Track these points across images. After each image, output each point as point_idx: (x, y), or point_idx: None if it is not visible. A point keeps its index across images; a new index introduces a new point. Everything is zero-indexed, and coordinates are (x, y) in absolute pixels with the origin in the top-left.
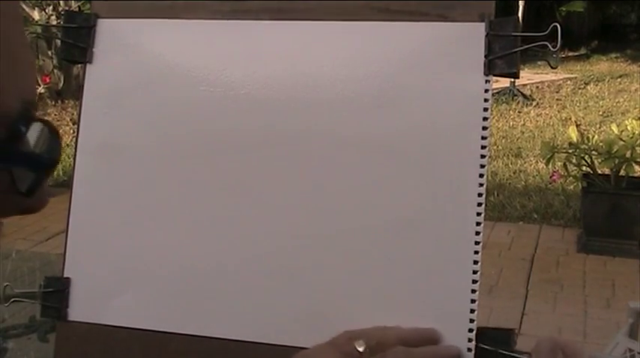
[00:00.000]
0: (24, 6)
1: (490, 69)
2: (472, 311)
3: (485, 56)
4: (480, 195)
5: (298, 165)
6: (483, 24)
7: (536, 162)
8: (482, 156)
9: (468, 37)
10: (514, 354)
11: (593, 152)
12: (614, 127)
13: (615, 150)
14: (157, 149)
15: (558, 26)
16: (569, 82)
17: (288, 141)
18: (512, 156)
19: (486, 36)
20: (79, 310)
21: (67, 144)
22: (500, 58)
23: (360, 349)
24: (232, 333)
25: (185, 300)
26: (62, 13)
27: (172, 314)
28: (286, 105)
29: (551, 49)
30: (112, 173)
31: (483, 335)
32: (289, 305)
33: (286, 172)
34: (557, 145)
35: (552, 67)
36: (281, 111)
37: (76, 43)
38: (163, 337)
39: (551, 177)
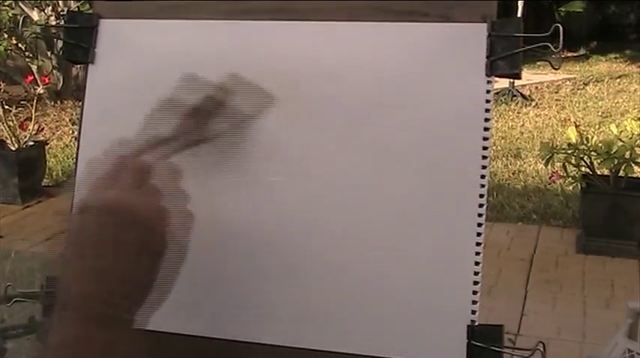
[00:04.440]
0: (23, 6)
1: (492, 70)
2: (473, 312)
3: (487, 57)
4: (481, 195)
5: (298, 165)
6: (485, 25)
7: (536, 162)
8: (484, 157)
9: (469, 38)
10: (506, 351)
11: (593, 153)
12: (613, 128)
13: (614, 150)
14: None
15: (560, 27)
16: (568, 83)
17: (288, 140)
18: (511, 156)
19: (488, 37)
20: None
21: (67, 145)
22: (502, 59)
23: None
24: (233, 334)
25: (185, 300)
26: (61, 13)
27: (173, 314)
28: (286, 106)
29: (553, 49)
30: None
31: (473, 332)
32: (290, 305)
33: (286, 172)
34: (557, 146)
35: (554, 68)
36: (280, 112)
37: (78, 43)
38: (163, 337)
39: (550, 177)
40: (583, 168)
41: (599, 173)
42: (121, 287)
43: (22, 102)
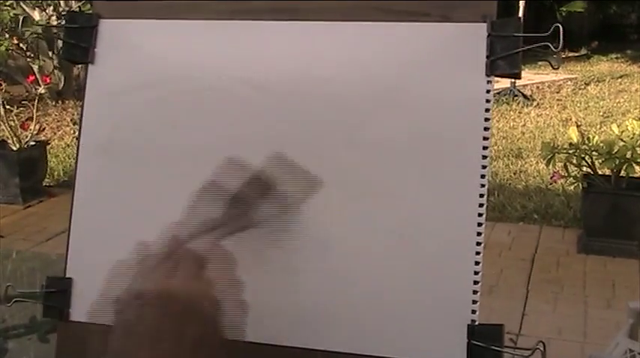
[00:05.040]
0: (24, 6)
1: (492, 69)
2: (473, 311)
3: (487, 57)
4: (481, 195)
5: (298, 166)
6: (485, 24)
7: (537, 162)
8: (484, 157)
9: (469, 38)
10: (506, 350)
11: (594, 152)
12: (614, 128)
13: (616, 150)
14: (159, 149)
15: (560, 27)
16: (569, 83)
17: (288, 141)
18: (512, 156)
19: (488, 36)
20: (81, 310)
21: (68, 145)
22: (502, 59)
23: None
24: (233, 333)
25: None
26: (63, 13)
27: None
28: (286, 106)
29: (553, 49)
30: (114, 173)
31: (474, 331)
32: (289, 305)
33: (287, 172)
34: (558, 146)
35: (554, 68)
36: (280, 112)
37: (77, 43)
38: None
39: (551, 177)
40: (584, 168)
41: (600, 173)
42: None
43: (23, 102)
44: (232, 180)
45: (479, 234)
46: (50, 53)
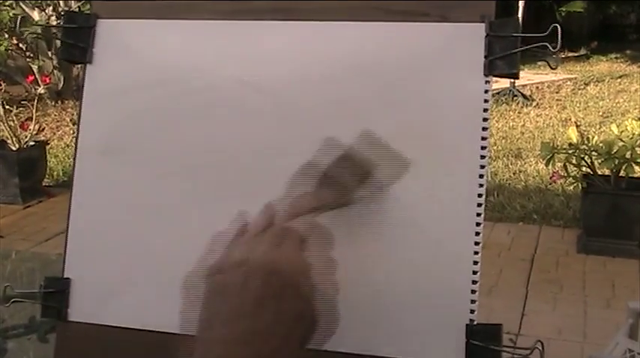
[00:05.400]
0: (24, 6)
1: (490, 69)
2: (472, 311)
3: (485, 57)
4: (480, 195)
5: (298, 166)
6: (484, 24)
7: (536, 162)
8: (483, 157)
9: (468, 38)
10: (505, 350)
11: (593, 153)
12: (614, 128)
13: (615, 150)
14: (157, 149)
15: (559, 27)
16: (569, 83)
17: (289, 141)
18: (512, 156)
19: (486, 36)
20: (79, 310)
21: (67, 145)
22: (501, 59)
23: None
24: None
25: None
26: (62, 13)
27: (172, 314)
28: (285, 106)
29: (552, 49)
30: (112, 173)
31: (472, 331)
32: None
33: (286, 172)
34: (557, 146)
35: (552, 68)
36: (280, 112)
37: (76, 43)
38: (163, 337)
39: (551, 177)
40: (584, 168)
41: (599, 173)
42: (272, 355)
43: (22, 102)
44: (327, 160)
45: (477, 233)
46: (50, 53)
